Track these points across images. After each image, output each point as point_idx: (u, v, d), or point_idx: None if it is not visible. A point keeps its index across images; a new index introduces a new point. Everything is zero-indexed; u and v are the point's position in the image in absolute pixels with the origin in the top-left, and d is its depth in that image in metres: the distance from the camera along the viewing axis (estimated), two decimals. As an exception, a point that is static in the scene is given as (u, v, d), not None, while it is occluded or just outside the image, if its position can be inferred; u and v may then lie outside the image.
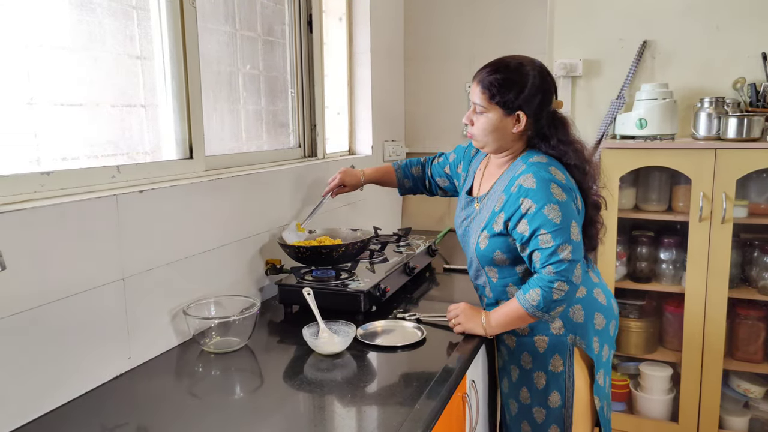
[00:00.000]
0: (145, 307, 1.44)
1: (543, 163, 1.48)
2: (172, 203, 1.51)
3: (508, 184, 1.52)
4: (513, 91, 1.48)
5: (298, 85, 2.34)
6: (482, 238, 1.56)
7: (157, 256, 1.47)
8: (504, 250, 1.52)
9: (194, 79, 1.69)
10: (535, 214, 1.43)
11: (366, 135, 2.78)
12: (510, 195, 1.49)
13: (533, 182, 1.44)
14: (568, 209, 1.44)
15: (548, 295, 1.42)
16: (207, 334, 1.53)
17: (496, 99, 1.49)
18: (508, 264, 1.55)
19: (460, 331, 1.57)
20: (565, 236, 1.42)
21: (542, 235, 1.43)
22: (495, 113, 1.50)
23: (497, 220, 1.52)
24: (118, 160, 1.52)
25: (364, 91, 2.75)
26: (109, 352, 1.35)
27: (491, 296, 1.63)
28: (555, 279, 1.42)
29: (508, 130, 1.52)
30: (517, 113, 1.49)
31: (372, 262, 1.97)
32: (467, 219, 1.66)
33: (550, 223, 1.42)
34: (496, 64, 1.52)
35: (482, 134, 1.54)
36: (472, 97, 1.54)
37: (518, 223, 1.46)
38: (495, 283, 1.60)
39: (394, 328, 1.63)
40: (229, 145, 1.99)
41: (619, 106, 2.65)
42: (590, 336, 1.57)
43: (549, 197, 1.42)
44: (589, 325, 1.57)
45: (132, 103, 1.57)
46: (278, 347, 1.57)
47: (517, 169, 1.52)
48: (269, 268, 1.89)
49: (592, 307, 1.58)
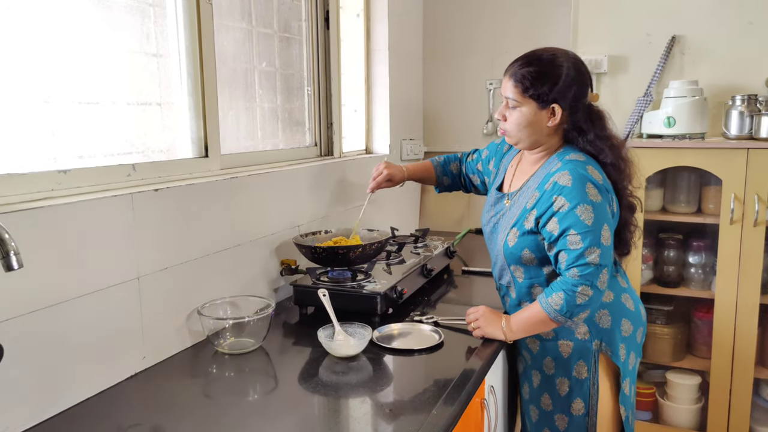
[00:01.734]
0: (159, 306, 1.46)
1: (580, 161, 1.48)
2: (187, 202, 1.52)
3: (543, 181, 1.51)
4: (547, 83, 1.47)
5: (315, 82, 2.34)
6: (511, 235, 1.55)
7: (172, 255, 1.49)
8: (533, 249, 1.52)
9: (210, 77, 1.70)
10: (566, 213, 1.42)
11: (383, 133, 2.79)
12: (544, 192, 1.48)
13: (569, 180, 1.44)
14: (602, 211, 1.43)
15: (571, 300, 1.41)
16: (221, 335, 1.54)
17: (529, 92, 1.48)
18: (535, 264, 1.54)
19: (480, 336, 1.56)
20: (594, 239, 1.41)
21: (571, 235, 1.42)
22: (529, 107, 1.50)
23: (529, 218, 1.51)
24: (134, 158, 1.54)
25: (382, 88, 2.75)
26: (124, 352, 1.37)
27: (515, 297, 1.63)
28: (579, 283, 1.41)
29: (543, 125, 1.51)
30: (552, 106, 1.49)
31: (389, 264, 1.97)
32: (496, 216, 1.65)
33: (581, 223, 1.41)
34: (529, 56, 1.52)
35: (516, 129, 1.53)
36: (504, 91, 1.53)
37: (549, 221, 1.46)
38: (520, 283, 1.59)
39: (411, 331, 1.63)
40: (245, 143, 2.00)
41: (646, 104, 2.63)
42: (617, 343, 1.56)
43: (583, 197, 1.42)
44: (615, 331, 1.56)
45: (148, 101, 1.59)
46: (293, 349, 1.57)
47: (552, 166, 1.52)
48: (284, 268, 1.90)
49: (620, 312, 1.57)
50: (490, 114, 3.01)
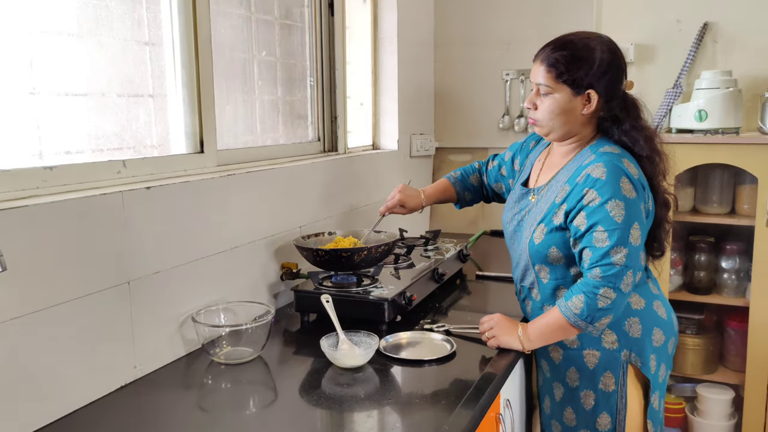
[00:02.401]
0: (151, 313, 1.46)
1: (615, 154, 1.48)
2: (181, 201, 1.52)
3: (574, 174, 1.51)
4: (582, 67, 1.48)
5: (318, 73, 2.34)
6: (538, 231, 1.55)
7: (165, 258, 1.49)
8: (560, 247, 1.52)
9: (206, 67, 1.70)
10: (596, 208, 1.43)
11: (391, 128, 2.78)
12: (575, 185, 1.48)
13: (603, 172, 1.44)
14: (634, 209, 1.43)
15: (593, 303, 1.41)
16: (217, 344, 1.54)
17: (563, 77, 1.49)
18: (562, 263, 1.54)
19: (495, 345, 1.56)
20: (622, 237, 1.41)
21: (598, 232, 1.42)
22: (562, 93, 1.50)
23: (558, 213, 1.51)
24: (124, 154, 1.54)
25: (390, 79, 2.75)
26: (113, 361, 1.37)
27: (538, 299, 1.62)
28: (600, 285, 1.41)
29: (577, 112, 1.52)
30: (588, 92, 1.49)
31: (397, 268, 1.97)
32: (521, 213, 1.65)
33: (609, 220, 1.41)
34: (560, 40, 1.53)
35: (548, 118, 1.53)
36: (535, 77, 1.53)
37: (577, 215, 1.46)
38: (545, 284, 1.59)
39: (420, 340, 1.63)
40: (243, 138, 2.01)
41: (675, 96, 2.62)
42: (647, 353, 1.56)
43: (616, 191, 1.42)
44: (646, 341, 1.56)
45: (139, 92, 1.59)
46: (294, 359, 1.58)
47: (585, 158, 1.52)
48: (285, 272, 1.90)
49: (651, 321, 1.57)
50: (506, 107, 3.00)
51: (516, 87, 2.98)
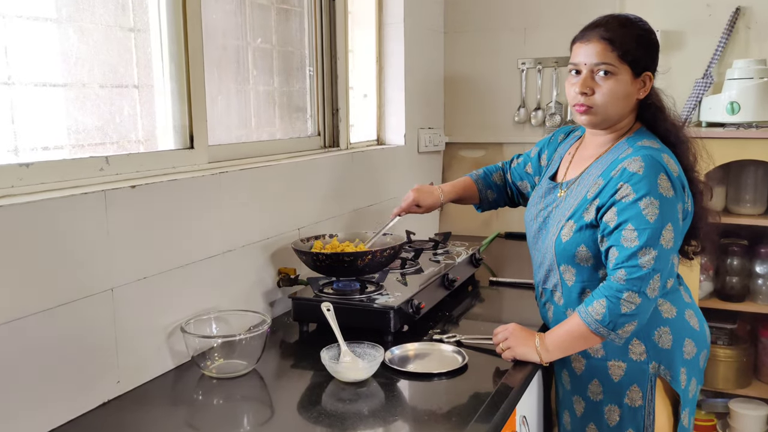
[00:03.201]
0: (136, 322, 1.45)
1: (655, 149, 1.49)
2: (170, 201, 1.52)
3: (609, 167, 1.52)
4: (642, 46, 1.52)
5: (318, 62, 2.35)
6: (566, 228, 1.56)
7: (151, 262, 1.48)
8: (590, 246, 1.53)
9: (196, 56, 1.70)
10: (629, 204, 1.44)
11: (398, 121, 2.78)
12: (610, 180, 1.49)
13: (640, 166, 1.45)
14: (670, 209, 1.44)
15: (615, 308, 1.41)
16: (208, 356, 1.54)
17: (628, 57, 1.49)
18: (591, 264, 1.55)
19: (510, 357, 1.56)
20: (653, 238, 1.41)
21: (628, 230, 1.43)
22: (625, 75, 1.51)
23: (589, 209, 1.52)
24: (107, 150, 1.54)
25: (396, 69, 2.75)
26: (95, 375, 1.37)
27: (561, 303, 1.62)
28: (624, 288, 1.41)
29: (633, 98, 1.54)
30: (645, 74, 1.52)
31: (404, 273, 1.97)
32: (547, 208, 1.66)
33: (641, 218, 1.42)
34: (607, 18, 1.54)
35: (610, 103, 1.52)
36: (591, 58, 1.51)
37: (608, 211, 1.47)
38: (570, 287, 1.60)
39: (429, 351, 1.64)
40: (236, 133, 2.01)
41: (705, 87, 2.61)
42: (677, 366, 1.56)
43: (653, 188, 1.42)
44: (676, 352, 1.56)
45: (123, 83, 1.59)
46: (292, 372, 1.58)
47: (621, 151, 1.53)
48: (282, 278, 1.90)
49: (683, 331, 1.57)
50: (522, 98, 3.00)
51: (533, 77, 2.97)
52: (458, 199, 1.99)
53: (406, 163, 2.80)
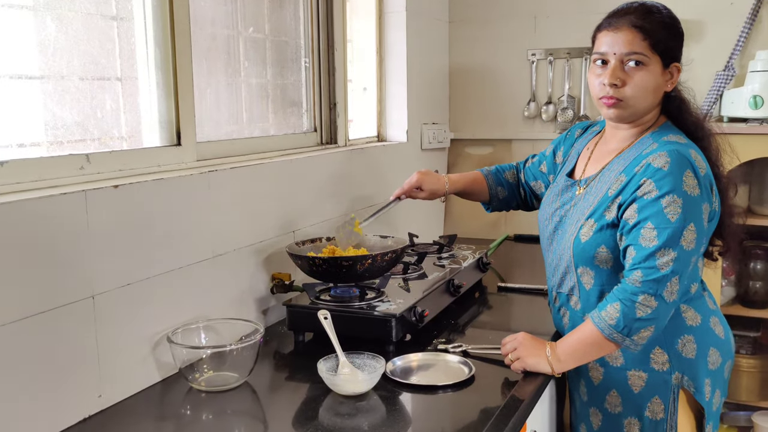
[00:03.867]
0: (119, 332, 1.45)
1: (682, 144, 1.51)
2: (155, 202, 1.52)
3: (632, 163, 1.53)
4: (672, 36, 1.54)
5: (314, 53, 2.34)
6: (586, 228, 1.56)
7: (136, 268, 1.48)
8: (611, 247, 1.53)
9: (183, 46, 1.70)
10: (650, 201, 1.44)
11: (399, 116, 2.78)
12: (633, 176, 1.50)
13: (665, 162, 1.45)
14: (694, 208, 1.44)
15: (630, 312, 1.41)
16: (197, 368, 1.53)
17: (660, 46, 1.51)
18: (610, 267, 1.55)
19: (520, 368, 1.56)
20: (673, 239, 1.41)
21: (647, 228, 1.43)
22: (656, 65, 1.52)
23: (611, 207, 1.53)
24: (88, 147, 1.53)
25: (398, 60, 2.74)
26: (75, 389, 1.36)
27: (578, 308, 1.63)
28: (640, 291, 1.41)
29: (661, 90, 1.55)
30: (674, 65, 1.54)
31: (406, 279, 1.97)
32: (564, 207, 1.67)
33: (662, 217, 1.42)
34: (636, 5, 1.55)
35: (641, 95, 1.53)
36: (623, 46, 1.51)
37: (628, 207, 1.48)
38: (587, 291, 1.60)
39: (433, 362, 1.64)
40: (227, 129, 2.01)
41: (726, 80, 2.61)
42: (701, 377, 1.56)
43: (677, 185, 1.43)
44: (701, 362, 1.56)
45: (105, 75, 1.58)
46: (286, 385, 1.58)
47: (646, 146, 1.54)
48: (276, 284, 1.90)
49: (707, 340, 1.57)
50: (533, 92, 3.00)
51: (543, 69, 2.97)
52: (465, 192, 2.00)
53: (408, 160, 2.79)
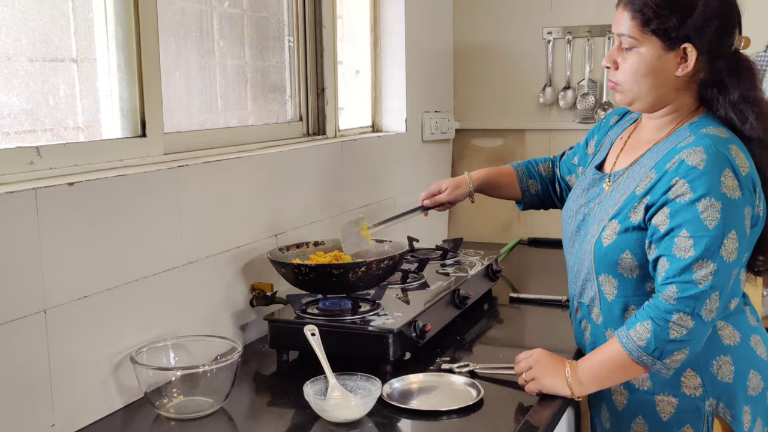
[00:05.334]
0: (75, 351, 1.44)
1: (722, 138, 1.49)
2: (116, 201, 1.51)
3: (665, 157, 1.52)
4: (677, 12, 1.49)
5: (299, 30, 2.34)
6: (608, 230, 1.57)
7: (94, 277, 1.47)
8: (637, 253, 1.53)
9: (149, 22, 1.69)
10: (684, 205, 1.44)
11: (397, 103, 2.78)
12: (664, 173, 1.49)
13: (701, 160, 1.44)
14: (735, 213, 1.43)
15: (662, 332, 1.41)
16: (165, 392, 1.53)
17: (652, 25, 1.50)
18: (636, 276, 1.55)
19: (535, 391, 1.56)
20: (712, 249, 1.41)
21: (681, 237, 1.43)
22: (650, 47, 1.52)
23: (637, 207, 1.53)
24: (39, 138, 1.53)
25: (395, 39, 2.74)
26: (23, 418, 1.35)
27: (600, 322, 1.63)
28: (674, 309, 1.41)
29: (670, 73, 1.53)
30: (684, 46, 1.51)
31: (405, 289, 1.97)
32: (589, 204, 1.67)
33: (698, 223, 1.42)
34: None
35: (632, 80, 1.55)
36: (617, 27, 1.56)
37: (659, 211, 1.48)
38: (609, 303, 1.60)
39: (436, 384, 1.64)
40: (199, 117, 2.01)
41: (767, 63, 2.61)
42: (739, 404, 1.55)
43: (714, 187, 1.42)
44: (739, 387, 1.55)
45: (58, 56, 1.57)
46: (268, 412, 1.58)
47: (682, 138, 1.54)
48: (256, 296, 1.90)
49: (748, 361, 1.56)
50: (549, 76, 3.01)
51: (561, 49, 2.98)
52: (491, 186, 2.03)
53: (407, 154, 2.80)
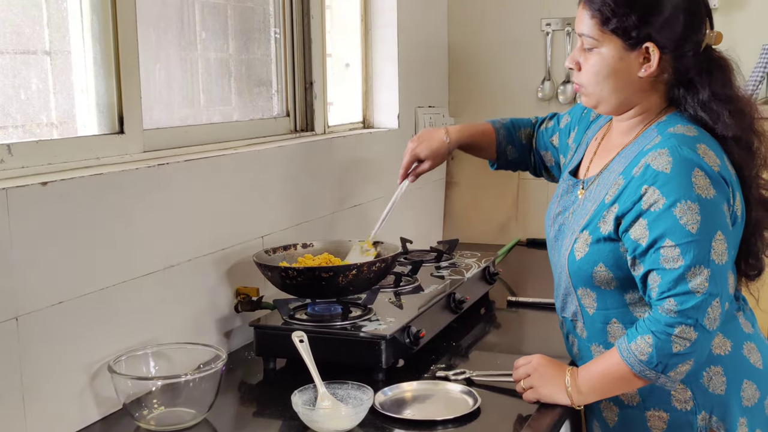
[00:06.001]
0: (49, 361, 1.43)
1: (689, 137, 1.48)
2: (93, 202, 1.51)
3: (632, 162, 1.52)
4: (636, 11, 1.49)
5: (286, 21, 2.34)
6: (580, 242, 1.57)
7: (69, 283, 1.47)
8: (610, 264, 1.52)
9: (127, 13, 1.69)
10: (660, 213, 1.43)
11: (389, 98, 2.79)
12: (631, 179, 1.49)
13: (667, 163, 1.44)
14: (715, 212, 1.43)
15: (665, 346, 1.42)
16: (145, 403, 1.52)
17: (611, 25, 1.50)
18: (614, 287, 1.55)
19: (533, 399, 1.57)
20: (701, 254, 1.41)
21: (666, 247, 1.42)
22: (611, 47, 1.52)
23: (606, 217, 1.53)
24: (10, 135, 1.53)
25: (387, 31, 2.75)
26: (-5, 430, 1.34)
27: (584, 336, 1.64)
28: (676, 321, 1.41)
29: (633, 74, 1.53)
30: (645, 45, 1.50)
31: (398, 293, 1.98)
32: (564, 213, 1.68)
33: (680, 230, 1.41)
34: None
35: (593, 82, 1.56)
36: (578, 27, 1.57)
37: (633, 224, 1.46)
38: (591, 316, 1.60)
39: (431, 393, 1.64)
40: (180, 113, 2.02)
41: (776, 54, 2.64)
42: (734, 416, 1.55)
43: (687, 189, 1.42)
44: (732, 399, 1.55)
45: (31, 48, 1.57)
46: (254, 423, 1.58)
47: (648, 140, 1.53)
48: (241, 301, 1.90)
49: (740, 371, 1.56)
50: (547, 69, 3.02)
51: (560, 41, 3.00)
52: (470, 146, 2.02)
53: (400, 151, 2.72)
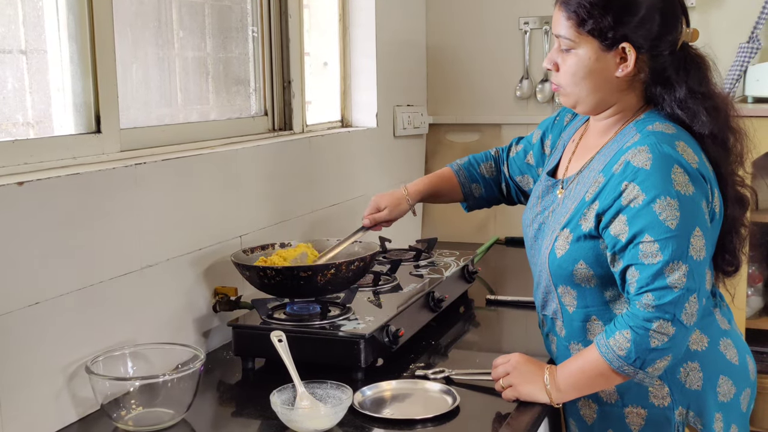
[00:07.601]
0: (25, 362, 1.42)
1: (667, 135, 1.49)
2: (69, 201, 1.50)
3: (612, 159, 1.53)
4: (612, 12, 1.49)
5: (263, 20, 2.33)
6: (561, 240, 1.57)
7: (45, 283, 1.46)
8: (591, 262, 1.53)
9: (103, 11, 1.68)
10: (640, 209, 1.43)
11: (368, 97, 2.78)
12: (611, 177, 1.50)
13: (647, 159, 1.45)
14: (694, 209, 1.43)
15: (643, 341, 1.42)
16: (123, 404, 1.52)
17: (587, 26, 1.51)
18: (594, 285, 1.56)
19: (512, 398, 1.57)
20: (680, 249, 1.41)
21: (645, 243, 1.43)
22: (588, 48, 1.53)
23: (587, 214, 1.53)
24: None
25: (365, 30, 2.74)
26: (-30, 433, 1.34)
27: (563, 335, 1.64)
28: (654, 316, 1.41)
29: (610, 74, 1.54)
30: (622, 46, 1.51)
31: (377, 292, 1.98)
32: (544, 212, 1.68)
33: (659, 226, 1.42)
34: None
35: (571, 82, 1.57)
36: (555, 28, 1.57)
37: (613, 221, 1.47)
38: (571, 314, 1.61)
39: (410, 391, 1.65)
40: (157, 112, 2.01)
41: (752, 54, 2.64)
42: (710, 411, 1.57)
43: (666, 186, 1.42)
44: (708, 394, 1.57)
45: (6, 47, 1.57)
46: (233, 423, 1.58)
47: (628, 138, 1.54)
48: (219, 300, 1.90)
49: (716, 367, 1.57)
50: (525, 68, 3.02)
51: (538, 40, 3.00)
52: (433, 196, 2.02)
53: (379, 150, 2.80)
